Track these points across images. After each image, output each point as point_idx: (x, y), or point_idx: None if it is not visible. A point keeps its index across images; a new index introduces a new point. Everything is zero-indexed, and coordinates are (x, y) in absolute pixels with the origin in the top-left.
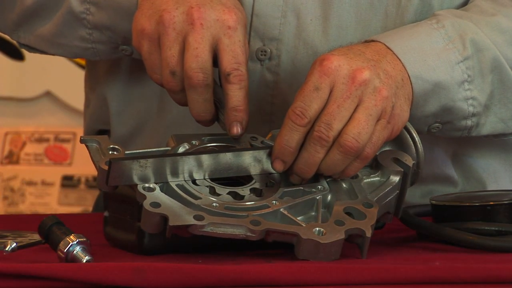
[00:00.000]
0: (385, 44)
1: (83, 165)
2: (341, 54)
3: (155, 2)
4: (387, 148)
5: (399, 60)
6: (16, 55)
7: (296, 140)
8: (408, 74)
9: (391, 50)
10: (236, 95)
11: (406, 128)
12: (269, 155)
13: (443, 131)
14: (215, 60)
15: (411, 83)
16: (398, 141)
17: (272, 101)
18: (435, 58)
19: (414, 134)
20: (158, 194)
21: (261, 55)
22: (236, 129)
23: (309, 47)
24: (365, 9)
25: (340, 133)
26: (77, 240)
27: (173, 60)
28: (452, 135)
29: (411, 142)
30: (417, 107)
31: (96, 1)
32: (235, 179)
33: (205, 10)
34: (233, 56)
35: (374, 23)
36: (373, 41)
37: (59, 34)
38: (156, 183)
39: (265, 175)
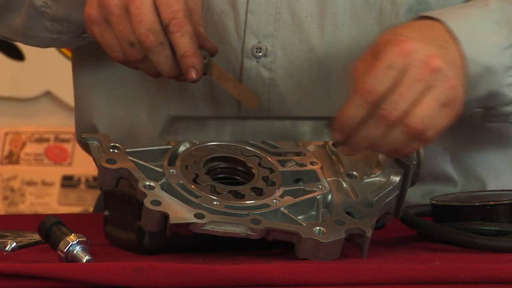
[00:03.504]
0: (446, 25)
1: (83, 165)
2: (416, 38)
3: None
4: None
5: (459, 42)
6: (16, 55)
7: (360, 115)
8: (463, 56)
9: (452, 32)
10: (180, 42)
11: None
12: (328, 126)
13: (485, 117)
14: None
15: (466, 66)
16: None
17: (269, 97)
18: (486, 42)
19: None
20: (159, 192)
21: (257, 52)
22: (191, 74)
23: (304, 43)
24: (360, 6)
25: (405, 114)
26: (77, 240)
27: (127, 32)
28: (492, 121)
29: None
30: (467, 90)
31: None
32: (235, 178)
33: None
34: (168, 7)
35: (369, 20)
36: (432, 18)
37: (28, 27)
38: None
39: (266, 175)
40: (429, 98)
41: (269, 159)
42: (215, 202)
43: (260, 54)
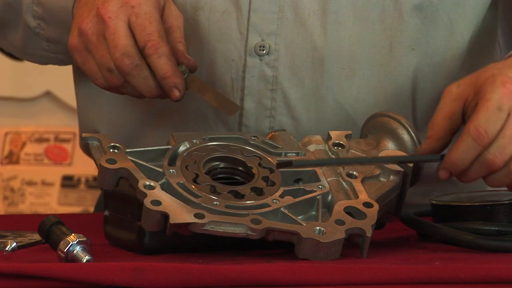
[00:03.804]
0: None
1: (83, 165)
2: None
3: (75, 16)
4: (388, 149)
5: None
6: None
7: (471, 158)
8: None
9: None
10: (158, 64)
11: (406, 128)
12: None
13: None
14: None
15: None
16: (398, 142)
17: (272, 96)
18: None
19: (414, 135)
20: (159, 192)
21: (260, 50)
22: (174, 94)
23: (307, 41)
24: (362, 3)
25: (511, 158)
26: (77, 240)
27: (105, 59)
28: None
29: (412, 143)
30: None
31: (43, 17)
32: (235, 178)
33: (109, 3)
34: (142, 30)
35: (372, 18)
36: None
37: (26, 45)
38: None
39: (266, 175)
40: None
41: (269, 159)
42: (215, 202)
43: (263, 52)
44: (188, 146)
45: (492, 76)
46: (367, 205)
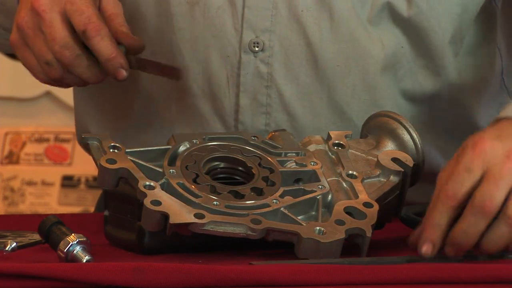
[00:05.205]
0: None
1: (83, 165)
2: (492, 137)
3: (16, 11)
4: (388, 149)
5: None
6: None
7: (446, 220)
8: None
9: None
10: (102, 46)
11: (406, 128)
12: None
13: None
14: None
15: None
16: (398, 142)
17: (268, 92)
18: None
19: (414, 135)
20: (159, 192)
21: (254, 46)
22: (121, 73)
23: (301, 38)
24: (357, 0)
25: (504, 205)
26: (77, 240)
27: (42, 52)
28: None
29: (412, 143)
30: None
31: None
32: (235, 178)
33: None
34: (80, 14)
35: (366, 14)
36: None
37: None
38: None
39: (266, 175)
40: None
41: (269, 159)
42: (215, 202)
43: (258, 48)
44: (188, 146)
45: (466, 143)
46: (367, 205)
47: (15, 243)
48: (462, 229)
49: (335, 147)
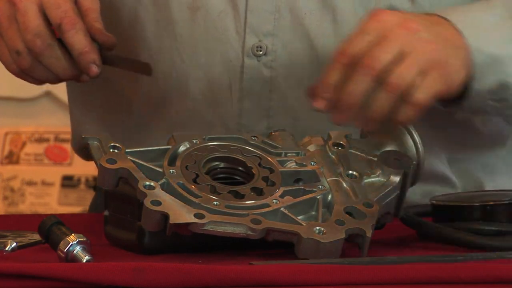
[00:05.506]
0: (443, 17)
1: (83, 165)
2: (400, 13)
3: None
4: (388, 148)
5: (458, 30)
6: None
7: (338, 77)
8: (466, 45)
9: (450, 21)
10: (75, 40)
11: (406, 128)
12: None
13: (500, 110)
14: None
15: (469, 54)
16: (398, 141)
17: (270, 96)
18: (491, 33)
19: (414, 135)
20: (159, 192)
21: (257, 50)
22: (92, 70)
23: (304, 41)
24: (359, 2)
25: (386, 71)
26: (77, 240)
27: (13, 41)
28: (509, 114)
29: (412, 142)
30: (475, 79)
31: None
32: (235, 178)
33: None
34: (56, 7)
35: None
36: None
37: None
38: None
39: (266, 175)
40: (408, 58)
41: (269, 159)
42: (215, 202)
43: (261, 53)
44: (188, 146)
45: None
46: (367, 205)
47: (15, 243)
48: (348, 89)
49: (335, 147)
